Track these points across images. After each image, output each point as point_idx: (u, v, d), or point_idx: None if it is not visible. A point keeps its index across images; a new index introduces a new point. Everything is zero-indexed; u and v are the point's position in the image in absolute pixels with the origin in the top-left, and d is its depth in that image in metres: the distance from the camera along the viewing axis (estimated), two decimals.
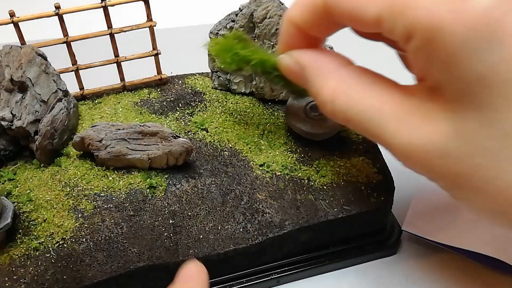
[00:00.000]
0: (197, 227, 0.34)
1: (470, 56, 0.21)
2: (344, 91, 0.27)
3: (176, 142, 0.36)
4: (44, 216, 0.34)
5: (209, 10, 0.65)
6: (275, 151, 0.38)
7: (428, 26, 0.22)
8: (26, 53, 0.37)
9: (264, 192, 0.36)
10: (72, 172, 0.37)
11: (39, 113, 0.36)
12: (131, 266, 0.32)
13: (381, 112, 0.25)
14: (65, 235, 0.33)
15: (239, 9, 0.41)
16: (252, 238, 0.34)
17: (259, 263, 0.36)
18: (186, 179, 0.36)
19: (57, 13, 0.39)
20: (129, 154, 0.36)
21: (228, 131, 0.40)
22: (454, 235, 0.37)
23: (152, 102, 0.43)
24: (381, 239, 0.39)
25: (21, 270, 0.31)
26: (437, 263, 0.38)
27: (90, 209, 0.34)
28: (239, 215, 0.35)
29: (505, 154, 0.22)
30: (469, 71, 0.21)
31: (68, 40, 0.41)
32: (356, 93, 0.26)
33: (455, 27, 0.21)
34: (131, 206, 0.35)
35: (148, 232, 0.33)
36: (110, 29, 0.42)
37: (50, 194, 0.35)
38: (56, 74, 0.39)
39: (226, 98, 0.43)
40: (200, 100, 0.43)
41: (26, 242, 0.33)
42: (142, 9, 0.41)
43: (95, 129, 0.36)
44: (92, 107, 0.43)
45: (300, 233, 0.35)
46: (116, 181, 0.36)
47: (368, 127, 0.26)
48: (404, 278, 0.38)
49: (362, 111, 0.26)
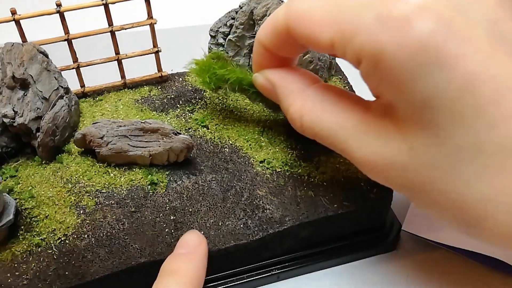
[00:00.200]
0: (198, 223, 0.34)
1: (414, 80, 0.22)
2: (310, 109, 0.29)
3: (177, 138, 0.36)
4: (46, 213, 0.34)
5: (209, 10, 0.65)
6: (275, 148, 0.39)
7: (373, 52, 0.23)
8: (28, 50, 0.37)
9: (264, 189, 0.36)
10: (74, 168, 0.37)
11: (41, 110, 0.36)
12: (132, 262, 0.32)
13: (343, 129, 0.27)
14: (67, 231, 0.33)
15: (239, 7, 0.41)
16: (253, 234, 0.34)
17: (260, 258, 0.36)
18: (187, 176, 0.37)
19: (58, 10, 0.39)
20: (130, 150, 0.36)
21: (228, 128, 0.40)
22: (454, 235, 0.37)
23: (153, 99, 0.43)
24: (381, 235, 0.39)
25: (23, 266, 0.32)
26: (437, 262, 0.38)
27: (92, 206, 0.35)
28: (239, 211, 0.35)
29: (454, 168, 0.23)
30: (414, 93, 0.23)
31: (69, 38, 0.41)
32: (321, 111, 0.28)
33: (397, 53, 0.22)
34: (133, 202, 0.35)
35: (150, 228, 0.34)
36: (111, 27, 0.42)
37: (52, 191, 0.35)
38: (57, 72, 0.39)
39: (226, 96, 0.43)
40: (201, 97, 0.43)
41: (28, 239, 0.33)
42: (143, 7, 0.42)
43: (96, 126, 0.36)
44: (93, 104, 0.43)
45: (300, 229, 0.35)
46: (118, 177, 0.36)
47: (333, 142, 0.28)
48: (404, 276, 0.38)
49: (327, 127, 0.28)
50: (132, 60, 0.44)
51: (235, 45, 0.41)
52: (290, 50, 0.31)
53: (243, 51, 0.42)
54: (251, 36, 0.41)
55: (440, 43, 0.21)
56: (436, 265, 0.38)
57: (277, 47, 0.31)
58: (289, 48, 0.31)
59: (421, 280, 0.37)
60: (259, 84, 0.33)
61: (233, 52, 0.42)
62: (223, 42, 0.41)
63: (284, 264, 0.37)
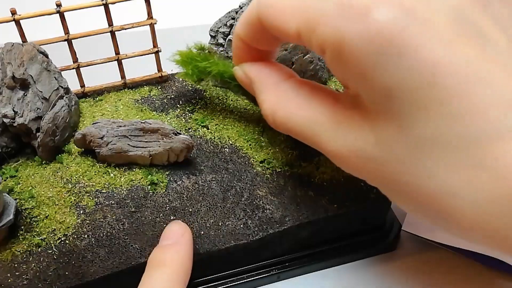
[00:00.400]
0: (198, 223, 0.34)
1: (375, 69, 0.22)
2: (284, 104, 0.29)
3: (177, 139, 0.36)
4: (46, 213, 0.34)
5: (209, 10, 0.65)
6: (275, 148, 0.39)
7: (334, 42, 0.23)
8: (28, 50, 0.37)
9: (264, 189, 0.36)
10: (74, 169, 0.37)
11: (41, 110, 0.36)
12: (132, 262, 0.32)
13: (315, 123, 0.27)
14: (67, 231, 0.33)
15: (239, 7, 0.41)
16: (253, 234, 0.34)
17: (260, 259, 0.36)
18: (187, 176, 0.37)
19: (58, 11, 0.39)
20: (130, 150, 0.36)
21: (228, 128, 0.40)
22: None
23: (153, 100, 0.43)
24: (381, 235, 0.39)
25: (23, 266, 0.32)
26: (437, 262, 0.39)
27: (92, 206, 0.35)
28: (239, 211, 0.35)
29: (419, 160, 0.22)
30: (376, 83, 0.22)
31: (69, 38, 0.41)
32: (294, 106, 0.28)
33: (357, 42, 0.22)
34: (133, 202, 0.35)
35: (150, 228, 0.34)
36: (111, 27, 0.42)
37: (52, 191, 0.35)
38: (57, 72, 0.39)
39: (226, 96, 0.43)
40: (201, 97, 0.43)
41: (28, 239, 0.33)
42: (143, 7, 0.42)
43: (96, 126, 0.36)
44: (93, 104, 0.43)
45: (300, 229, 0.35)
46: (118, 177, 0.36)
47: (306, 136, 0.28)
48: (404, 276, 0.38)
49: (300, 122, 0.28)
50: (132, 60, 0.44)
51: None
52: (265, 43, 0.31)
53: None
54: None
55: (399, 31, 0.21)
56: (436, 265, 0.38)
57: (252, 39, 0.31)
58: (264, 40, 0.31)
59: (421, 280, 0.37)
60: (238, 77, 0.33)
61: None
62: (223, 42, 0.41)
63: (284, 264, 0.37)
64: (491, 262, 0.36)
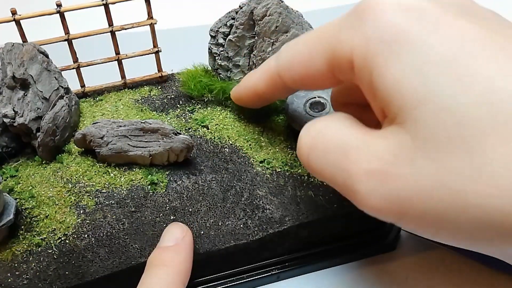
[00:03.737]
0: (198, 223, 0.34)
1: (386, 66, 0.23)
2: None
3: (177, 139, 0.36)
4: (46, 213, 0.34)
5: (209, 10, 0.65)
6: (275, 148, 0.39)
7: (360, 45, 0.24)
8: (28, 50, 0.37)
9: (264, 189, 0.36)
10: (74, 168, 0.37)
11: (41, 110, 0.37)
12: (132, 262, 0.32)
13: None
14: (67, 231, 0.33)
15: (239, 7, 0.41)
16: (253, 234, 0.34)
17: (260, 258, 0.36)
18: (187, 176, 0.37)
19: (58, 11, 0.39)
20: (130, 150, 0.36)
21: (228, 128, 0.40)
22: None
23: (153, 100, 0.43)
24: (381, 235, 0.39)
25: (23, 266, 0.32)
26: (437, 262, 0.39)
27: (92, 206, 0.35)
28: (239, 211, 0.35)
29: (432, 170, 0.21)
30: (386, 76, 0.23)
31: (69, 38, 0.41)
32: None
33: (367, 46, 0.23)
34: (133, 202, 0.35)
35: (150, 228, 0.34)
36: (111, 27, 0.42)
37: (52, 191, 0.35)
38: (57, 72, 0.39)
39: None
40: (201, 98, 0.43)
41: (28, 238, 0.33)
42: (143, 7, 0.42)
43: (96, 126, 0.36)
44: (93, 104, 0.43)
45: (300, 229, 0.35)
46: (118, 177, 0.36)
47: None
48: (404, 276, 0.38)
49: None
50: (132, 60, 0.44)
51: (235, 45, 0.41)
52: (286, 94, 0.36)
53: (243, 51, 0.42)
54: (251, 36, 0.41)
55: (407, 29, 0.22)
56: (436, 265, 0.38)
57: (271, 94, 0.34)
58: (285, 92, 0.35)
59: (421, 280, 0.37)
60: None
61: (233, 52, 0.42)
62: (223, 42, 0.41)
63: (284, 264, 0.37)
64: (491, 262, 0.36)
